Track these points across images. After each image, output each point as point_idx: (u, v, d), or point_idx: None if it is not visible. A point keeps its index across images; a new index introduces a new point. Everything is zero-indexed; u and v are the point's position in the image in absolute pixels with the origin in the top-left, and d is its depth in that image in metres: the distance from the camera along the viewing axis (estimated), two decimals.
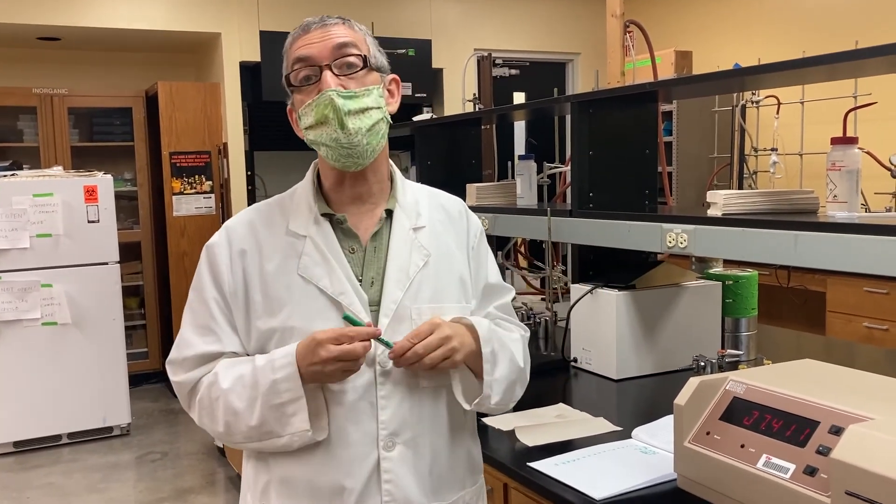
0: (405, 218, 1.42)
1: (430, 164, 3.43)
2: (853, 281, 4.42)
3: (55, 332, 4.57)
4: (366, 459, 1.32)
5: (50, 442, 4.63)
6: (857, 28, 4.94)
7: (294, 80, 1.35)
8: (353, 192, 1.40)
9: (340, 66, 1.33)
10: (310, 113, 1.32)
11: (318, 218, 1.38)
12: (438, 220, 1.46)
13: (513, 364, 1.41)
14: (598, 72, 2.87)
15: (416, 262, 1.39)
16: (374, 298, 1.36)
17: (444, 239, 1.44)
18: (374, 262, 1.38)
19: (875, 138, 3.41)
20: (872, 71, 1.94)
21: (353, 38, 1.36)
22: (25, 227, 4.47)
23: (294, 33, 1.37)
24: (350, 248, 1.38)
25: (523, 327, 1.54)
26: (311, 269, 1.34)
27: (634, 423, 1.83)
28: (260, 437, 1.31)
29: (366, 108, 1.32)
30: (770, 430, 1.32)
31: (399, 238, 1.39)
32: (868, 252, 1.49)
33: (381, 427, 1.32)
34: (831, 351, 2.87)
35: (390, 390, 1.33)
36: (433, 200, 1.49)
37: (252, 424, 1.30)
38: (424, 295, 1.37)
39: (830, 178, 1.76)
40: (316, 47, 1.33)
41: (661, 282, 2.33)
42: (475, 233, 1.51)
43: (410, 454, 1.34)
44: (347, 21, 1.38)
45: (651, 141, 2.48)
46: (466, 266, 1.46)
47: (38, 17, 5.07)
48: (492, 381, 1.36)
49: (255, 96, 5.55)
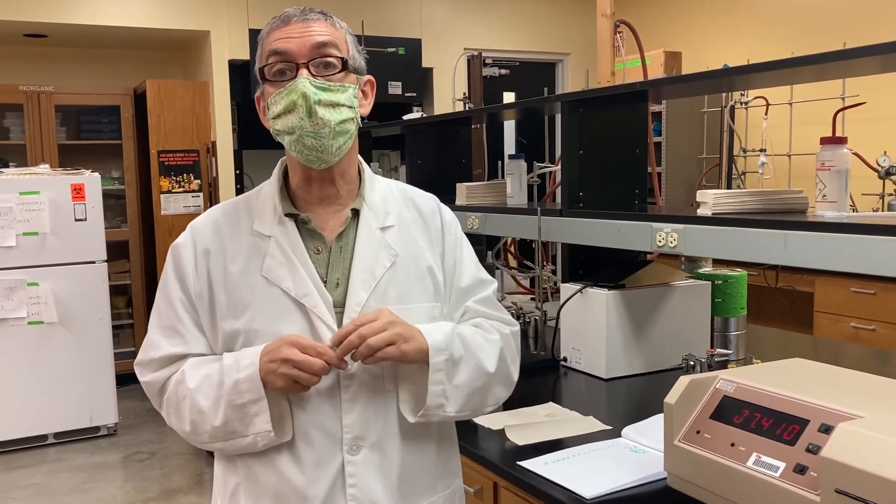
0: (372, 217, 1.38)
1: (419, 163, 3.42)
2: (841, 281, 4.45)
3: (41, 332, 4.54)
4: (330, 463, 1.30)
5: (36, 442, 4.60)
6: (845, 28, 4.96)
7: (268, 73, 1.30)
8: (320, 194, 1.37)
9: (318, 65, 1.29)
10: (279, 101, 1.28)
11: (282, 218, 1.35)
12: (410, 219, 1.43)
13: (478, 370, 1.36)
14: (588, 72, 2.87)
15: (383, 262, 1.36)
16: (339, 300, 1.33)
17: (414, 237, 1.41)
18: (339, 263, 1.35)
19: (862, 139, 3.43)
20: (860, 71, 1.95)
21: (334, 37, 1.32)
22: (12, 226, 4.44)
23: (272, 22, 1.33)
24: (315, 248, 1.35)
25: (509, 321, 1.48)
26: (274, 271, 1.32)
27: (624, 422, 1.83)
28: (224, 436, 1.30)
29: (337, 104, 1.29)
30: (760, 428, 1.33)
31: (365, 238, 1.36)
32: (857, 252, 1.50)
33: (346, 430, 1.30)
34: (819, 350, 2.89)
35: (354, 393, 1.30)
36: (405, 197, 1.46)
37: (216, 424, 1.29)
38: (391, 295, 1.34)
39: (820, 178, 1.77)
40: (294, 43, 1.28)
41: (651, 281, 2.33)
42: (450, 230, 1.47)
43: (376, 458, 1.31)
44: (329, 17, 1.35)
45: (641, 141, 2.48)
46: (439, 265, 1.42)
47: (25, 13, 5.03)
48: (446, 389, 1.32)
49: (243, 95, 5.53)
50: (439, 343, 1.31)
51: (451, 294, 1.44)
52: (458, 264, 1.46)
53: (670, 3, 6.41)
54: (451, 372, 1.32)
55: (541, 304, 2.95)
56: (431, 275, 1.40)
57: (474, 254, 1.52)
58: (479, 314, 1.45)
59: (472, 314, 1.45)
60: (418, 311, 1.35)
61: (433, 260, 1.42)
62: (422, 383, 1.32)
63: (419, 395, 1.33)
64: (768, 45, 5.56)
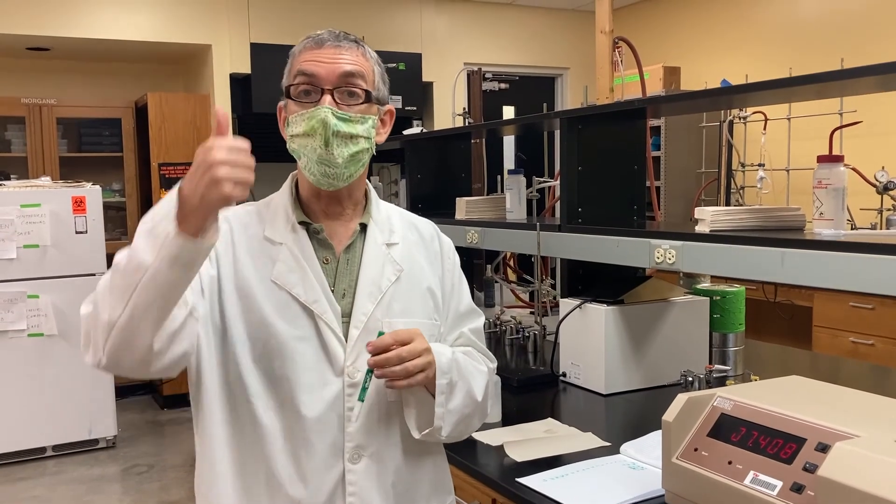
0: (378, 233, 1.42)
1: (419, 178, 3.44)
2: (839, 296, 4.45)
3: (41, 344, 4.54)
4: (330, 471, 1.31)
5: (35, 454, 4.59)
6: (842, 44, 4.99)
7: (293, 92, 1.33)
8: (328, 209, 1.40)
9: (342, 93, 1.32)
10: (300, 122, 1.31)
11: (295, 226, 1.37)
12: (412, 240, 1.46)
13: (468, 397, 1.38)
14: (587, 87, 2.89)
15: (389, 276, 1.39)
16: (346, 310, 1.35)
17: (416, 257, 1.45)
18: (346, 274, 1.38)
19: (861, 154, 3.45)
20: (858, 90, 1.97)
21: (363, 67, 1.34)
22: (12, 238, 4.44)
23: (306, 42, 1.36)
24: (324, 258, 1.37)
25: (491, 358, 1.52)
26: (284, 276, 1.33)
27: (623, 439, 1.84)
28: (123, 289, 1.10)
29: (355, 136, 1.32)
30: (757, 446, 1.33)
31: (372, 251, 1.39)
32: (854, 270, 1.51)
33: (348, 439, 1.31)
34: (818, 366, 2.89)
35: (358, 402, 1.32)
36: (405, 220, 1.50)
37: (109, 286, 1.12)
38: (396, 309, 1.37)
39: (817, 196, 1.78)
40: (323, 68, 1.31)
41: (650, 297, 2.34)
42: (449, 254, 1.51)
43: (375, 468, 1.33)
44: (361, 46, 1.37)
45: (639, 156, 2.50)
46: (438, 286, 1.45)
47: (28, 27, 5.06)
48: (444, 412, 1.34)
49: (244, 108, 5.55)
50: (444, 366, 1.33)
51: (448, 316, 1.47)
52: (455, 289, 1.49)
53: (669, 18, 6.45)
54: (448, 395, 1.34)
55: (540, 319, 2.96)
56: (432, 294, 1.44)
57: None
58: (470, 342, 1.49)
59: (465, 341, 1.48)
60: (421, 327, 1.37)
61: (433, 280, 1.45)
62: (422, 401, 1.34)
63: (421, 412, 1.34)
64: (767, 61, 5.58)
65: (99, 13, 5.22)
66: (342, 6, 5.80)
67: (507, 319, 3.05)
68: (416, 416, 1.35)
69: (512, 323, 2.99)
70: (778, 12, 5.64)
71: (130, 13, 5.29)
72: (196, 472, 1.38)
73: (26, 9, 5.02)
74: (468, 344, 1.48)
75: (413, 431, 1.35)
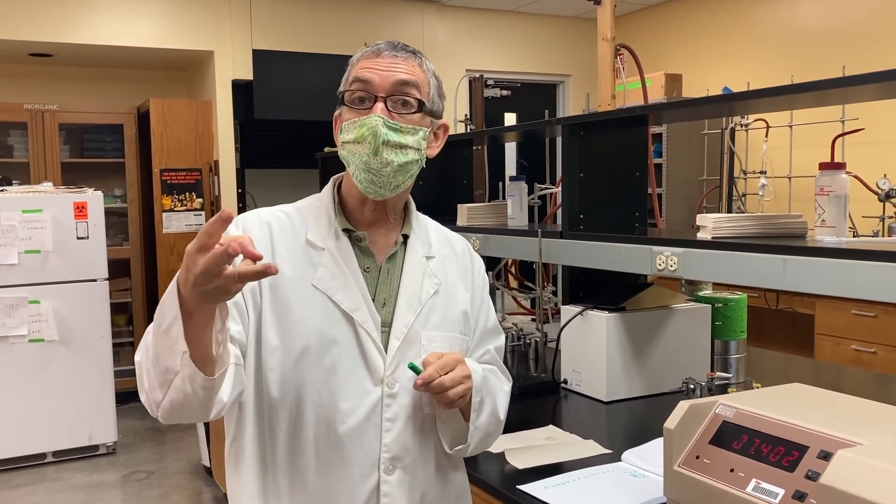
0: (419, 245, 1.43)
1: (421, 184, 3.38)
2: (841, 304, 4.44)
3: (42, 349, 4.53)
4: (366, 481, 1.31)
5: (34, 460, 4.57)
6: (844, 51, 5.00)
7: (348, 98, 1.34)
8: (371, 216, 1.40)
9: (395, 102, 1.32)
10: (352, 129, 1.31)
11: (338, 233, 1.37)
12: (446, 254, 1.47)
13: (493, 416, 1.41)
14: (588, 94, 2.89)
15: (428, 289, 1.40)
16: (386, 319, 1.35)
17: (450, 271, 1.45)
18: (386, 284, 1.38)
19: (863, 162, 3.44)
20: (859, 98, 1.97)
21: (418, 77, 1.35)
22: (14, 243, 4.45)
23: (365, 51, 1.37)
24: (366, 266, 1.37)
25: (509, 378, 1.53)
26: (326, 282, 1.33)
27: (624, 446, 1.83)
28: (162, 379, 1.14)
29: (405, 146, 1.32)
30: (759, 454, 1.32)
31: (413, 263, 1.40)
32: (855, 277, 1.51)
33: (384, 450, 1.32)
34: (820, 374, 2.88)
35: (395, 413, 1.33)
36: (440, 233, 1.51)
37: (151, 363, 1.16)
38: (433, 321, 1.38)
39: (819, 203, 1.78)
40: (378, 75, 1.32)
41: (651, 304, 2.33)
42: (479, 271, 1.52)
43: (408, 479, 1.34)
44: (419, 57, 1.38)
45: (641, 163, 2.50)
46: (469, 301, 1.46)
47: (31, 33, 5.07)
48: (474, 429, 1.36)
49: (246, 114, 5.56)
50: (477, 384, 1.34)
51: (476, 331, 1.48)
52: (484, 305, 1.50)
53: (671, 25, 6.46)
54: (478, 413, 1.36)
55: (541, 326, 2.95)
56: (464, 309, 1.45)
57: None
58: (493, 361, 1.50)
59: (489, 359, 1.49)
60: (454, 341, 1.39)
61: (465, 296, 1.46)
62: (453, 416, 1.36)
63: (453, 427, 1.36)
64: (768, 68, 5.59)
65: (101, 20, 5.24)
66: (344, 13, 5.82)
67: (509, 326, 3.05)
68: (449, 432, 1.37)
69: (513, 330, 2.99)
70: (780, 20, 5.65)
71: (133, 20, 5.31)
72: (227, 470, 1.39)
73: (29, 15, 5.04)
74: (492, 362, 1.49)
75: (445, 446, 1.37)
